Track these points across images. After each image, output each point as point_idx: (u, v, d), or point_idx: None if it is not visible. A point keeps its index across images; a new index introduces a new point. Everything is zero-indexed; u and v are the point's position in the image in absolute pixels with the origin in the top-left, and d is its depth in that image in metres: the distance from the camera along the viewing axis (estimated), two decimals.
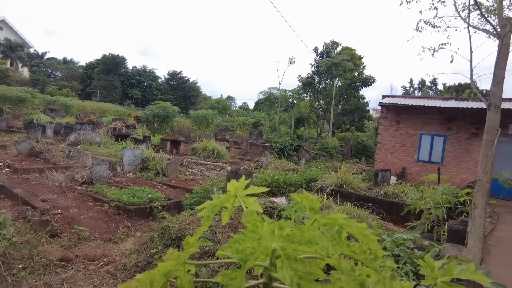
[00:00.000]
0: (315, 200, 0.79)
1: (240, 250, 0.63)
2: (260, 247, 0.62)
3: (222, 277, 0.62)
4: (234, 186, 0.95)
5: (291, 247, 0.61)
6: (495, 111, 3.22)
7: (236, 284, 0.60)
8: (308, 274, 0.58)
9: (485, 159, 3.20)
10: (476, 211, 3.10)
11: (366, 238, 0.77)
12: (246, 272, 0.62)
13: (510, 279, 5.74)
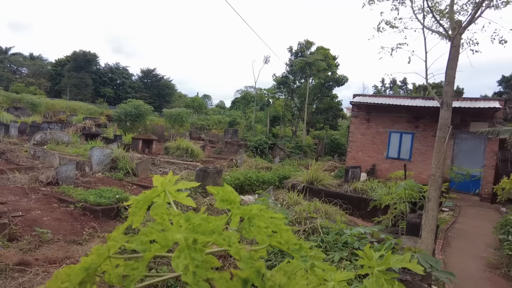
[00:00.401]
0: (229, 192, 0.81)
1: (144, 242, 0.64)
2: (164, 238, 0.64)
3: (124, 267, 0.63)
4: (160, 181, 0.96)
5: (193, 237, 0.64)
6: (447, 109, 3.39)
7: (137, 274, 0.62)
8: (204, 262, 0.60)
9: (438, 155, 3.36)
10: (429, 204, 3.25)
11: (278, 228, 0.81)
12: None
13: (466, 267, 6.06)
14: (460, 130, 14.22)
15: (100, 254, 0.83)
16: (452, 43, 3.49)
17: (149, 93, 62.92)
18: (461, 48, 3.95)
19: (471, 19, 3.47)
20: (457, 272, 5.83)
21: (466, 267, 6.06)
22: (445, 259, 6.36)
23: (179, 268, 0.58)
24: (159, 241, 0.63)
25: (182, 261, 0.59)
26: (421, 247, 3.15)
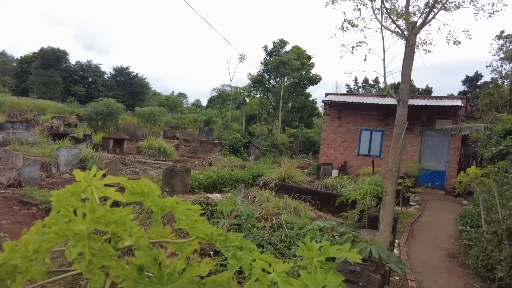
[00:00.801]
0: (142, 185, 0.82)
1: (45, 233, 0.64)
2: (61, 229, 0.64)
3: (21, 259, 0.63)
4: (82, 176, 0.95)
5: (94, 228, 0.65)
6: (403, 106, 3.53)
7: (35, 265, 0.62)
8: (101, 251, 0.61)
9: (394, 150, 3.50)
10: (386, 198, 3.38)
11: (190, 219, 0.82)
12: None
13: (428, 258, 6.34)
14: (427, 127, 14.80)
15: (14, 250, 0.81)
16: (408, 43, 3.64)
17: (122, 91, 61.37)
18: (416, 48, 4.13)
19: (425, 20, 3.64)
20: (419, 262, 6.10)
21: (428, 258, 6.33)
22: (409, 251, 6.63)
23: (71, 256, 0.58)
24: (56, 232, 0.63)
25: (77, 250, 0.60)
26: (379, 239, 3.27)
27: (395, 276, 5.27)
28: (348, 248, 1.61)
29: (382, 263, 2.80)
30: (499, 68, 26.09)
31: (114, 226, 0.66)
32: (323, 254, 1.50)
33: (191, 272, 0.68)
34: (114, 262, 0.61)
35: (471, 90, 34.02)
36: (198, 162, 15.04)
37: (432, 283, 5.18)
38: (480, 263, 5.34)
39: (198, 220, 0.83)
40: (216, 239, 0.97)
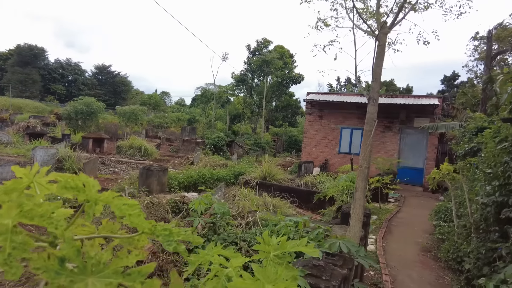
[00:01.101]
0: (77, 180, 0.83)
1: None
2: None
3: None
4: (22, 172, 0.95)
5: (20, 221, 0.65)
6: (373, 104, 3.62)
7: None
8: (22, 244, 0.62)
9: (365, 147, 3.58)
10: (357, 194, 3.46)
11: (124, 213, 0.84)
12: None
13: (403, 252, 6.50)
14: (406, 126, 15.15)
15: None
16: (378, 42, 3.73)
17: (104, 90, 60.21)
18: (388, 48, 4.23)
19: (394, 20, 3.74)
20: (395, 257, 6.25)
21: (403, 252, 6.50)
22: (385, 246, 6.78)
23: None
24: None
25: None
26: (349, 235, 3.34)
27: (370, 271, 5.39)
28: (305, 242, 1.65)
29: (351, 257, 2.87)
30: (474, 68, 26.96)
31: (39, 220, 0.67)
32: (279, 248, 1.53)
33: (117, 263, 0.69)
34: (36, 254, 0.62)
35: (449, 90, 34.99)
36: (180, 161, 14.93)
37: (406, 276, 5.32)
38: (451, 256, 5.53)
39: (132, 215, 0.84)
40: (159, 233, 0.99)
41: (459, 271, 5.25)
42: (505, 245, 3.76)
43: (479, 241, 4.68)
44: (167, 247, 0.99)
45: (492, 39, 16.35)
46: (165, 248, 0.98)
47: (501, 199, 3.88)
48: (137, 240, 1.01)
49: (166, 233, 1.01)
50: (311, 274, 2.05)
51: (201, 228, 3.87)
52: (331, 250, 2.81)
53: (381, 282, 4.93)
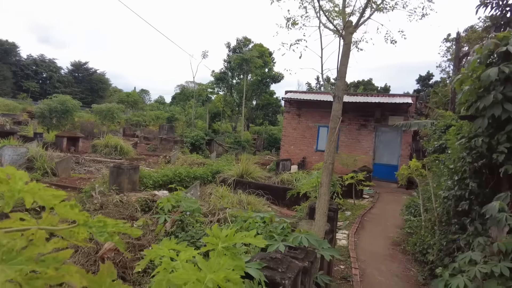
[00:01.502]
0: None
1: None
2: None
3: None
4: None
5: None
6: (338, 101, 3.72)
7: None
8: None
9: (329, 144, 3.67)
10: (322, 189, 3.55)
11: (51, 203, 0.85)
12: None
13: (374, 247, 6.69)
14: (381, 124, 15.53)
15: None
16: (344, 41, 3.83)
17: (80, 88, 58.61)
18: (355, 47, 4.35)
19: (359, 20, 3.85)
20: (366, 251, 6.42)
21: (374, 247, 6.69)
22: (357, 241, 6.96)
23: None
24: None
25: None
26: (314, 229, 3.43)
27: (341, 265, 5.54)
28: (253, 234, 1.70)
29: (313, 250, 2.95)
30: (447, 68, 27.91)
31: None
32: (228, 240, 1.57)
33: (32, 250, 0.71)
34: None
35: (424, 89, 36.05)
36: (157, 160, 14.75)
37: (375, 270, 5.49)
38: (417, 249, 5.74)
39: (58, 205, 0.86)
40: (93, 225, 1.01)
41: (424, 262, 5.45)
42: (463, 236, 3.95)
43: (441, 234, 4.89)
44: (99, 237, 1.01)
45: (462, 40, 16.97)
46: (97, 238, 1.01)
47: (459, 193, 4.06)
48: (77, 233, 1.03)
49: (100, 225, 1.03)
50: (268, 267, 2.10)
51: (169, 225, 3.87)
52: (294, 243, 2.87)
53: (350, 276, 5.07)
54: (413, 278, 5.23)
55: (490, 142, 3.42)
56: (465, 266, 3.17)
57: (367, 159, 15.56)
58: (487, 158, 3.51)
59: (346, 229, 7.68)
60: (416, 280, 5.15)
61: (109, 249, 3.09)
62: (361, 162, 15.57)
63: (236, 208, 5.07)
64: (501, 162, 3.25)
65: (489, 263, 3.02)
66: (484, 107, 3.38)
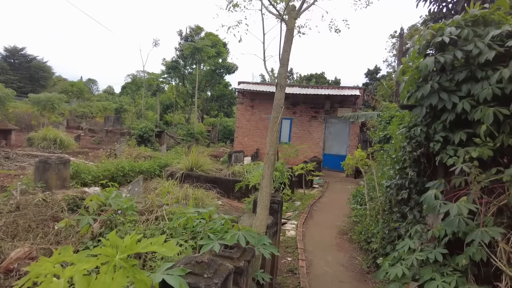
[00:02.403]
0: None
1: None
2: None
3: None
4: None
5: None
6: (280, 90, 3.54)
7: None
8: None
9: (271, 134, 3.49)
10: (263, 182, 3.37)
11: None
12: None
13: (321, 236, 6.73)
14: (330, 115, 15.87)
15: None
16: (287, 27, 3.64)
17: (17, 76, 53.46)
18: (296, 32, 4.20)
19: (301, 5, 3.69)
20: (314, 241, 6.44)
21: (322, 236, 6.74)
22: (305, 231, 6.97)
23: None
24: None
25: None
26: (256, 223, 3.25)
27: (288, 257, 5.47)
28: (162, 240, 1.44)
29: (252, 248, 2.76)
30: (393, 63, 29.34)
31: None
32: (127, 251, 1.29)
33: None
34: None
35: (372, 82, 37.67)
36: (101, 153, 13.81)
37: (322, 260, 5.49)
38: (362, 237, 5.85)
39: None
40: None
41: (369, 251, 5.56)
42: (403, 224, 4.01)
43: (384, 222, 4.98)
44: None
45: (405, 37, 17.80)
46: None
47: (400, 182, 4.11)
48: None
49: None
50: (192, 273, 1.85)
51: (98, 226, 3.47)
52: (231, 242, 2.66)
53: (297, 268, 5.01)
54: (358, 267, 5.31)
55: (428, 131, 3.45)
56: (404, 254, 3.17)
57: (317, 150, 15.87)
58: (425, 147, 3.55)
59: (296, 219, 7.68)
60: (360, 268, 5.23)
61: (16, 258, 2.64)
62: (311, 152, 15.86)
63: (180, 205, 4.76)
64: (437, 151, 3.28)
65: (425, 250, 3.04)
66: (422, 97, 3.39)
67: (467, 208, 2.48)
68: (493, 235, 2.41)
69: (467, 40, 3.28)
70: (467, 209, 2.47)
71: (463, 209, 2.45)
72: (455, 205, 2.52)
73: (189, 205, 4.16)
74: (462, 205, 2.49)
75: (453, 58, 3.24)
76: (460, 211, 2.45)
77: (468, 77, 3.22)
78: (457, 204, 2.52)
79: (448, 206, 2.56)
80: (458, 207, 2.48)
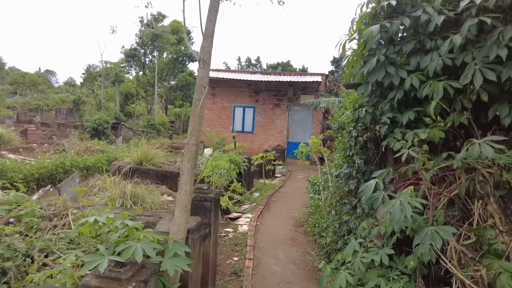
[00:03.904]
0: None
1: None
2: None
3: None
4: None
5: None
6: (203, 66, 2.96)
7: None
8: None
9: (193, 120, 2.92)
10: (182, 178, 2.80)
11: None
12: None
13: (276, 230, 6.26)
14: (293, 103, 15.47)
15: None
16: None
17: None
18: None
19: None
20: (267, 236, 5.97)
21: (277, 229, 6.29)
22: (259, 225, 6.50)
23: None
24: None
25: None
26: (173, 229, 2.68)
27: (234, 257, 4.97)
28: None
29: (154, 264, 2.19)
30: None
31: None
32: None
33: None
34: None
35: (337, 70, 37.82)
36: (48, 148, 12.65)
37: (272, 258, 5.03)
38: (316, 230, 5.45)
39: None
40: None
41: (322, 245, 5.18)
42: (351, 218, 3.60)
43: (336, 214, 4.58)
44: None
45: None
46: None
47: (348, 171, 3.68)
48: None
49: None
50: None
51: None
52: (124, 257, 2.08)
53: (242, 269, 4.52)
54: (310, 263, 4.89)
55: (374, 113, 3.01)
56: (348, 257, 2.74)
57: (281, 138, 15.49)
58: (371, 131, 3.11)
59: (252, 212, 7.20)
60: (313, 265, 4.82)
61: None
62: (275, 141, 15.46)
63: (100, 206, 4.09)
64: (384, 134, 2.85)
65: (371, 251, 2.62)
66: (368, 72, 2.93)
67: (411, 204, 2.02)
68: (444, 236, 1.99)
69: (415, 6, 2.84)
70: (411, 206, 2.01)
71: (407, 207, 1.99)
72: (397, 202, 2.06)
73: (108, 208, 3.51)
74: (406, 201, 2.04)
75: (401, 27, 2.79)
76: (404, 209, 1.99)
77: (417, 48, 2.79)
78: (400, 200, 2.07)
79: (390, 202, 2.10)
80: (401, 203, 2.03)
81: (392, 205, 2.03)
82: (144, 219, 3.64)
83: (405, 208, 1.95)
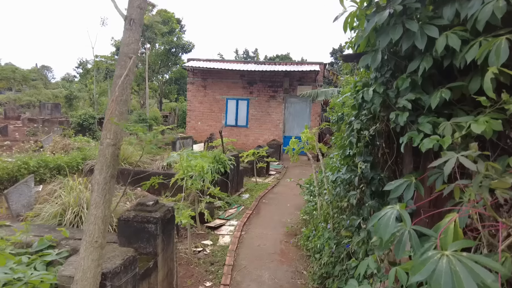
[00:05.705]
0: None
1: None
2: None
3: None
4: None
5: None
6: (130, 28, 1.98)
7: None
8: None
9: (110, 107, 1.93)
10: (92, 198, 1.84)
11: None
12: None
13: (263, 242, 5.29)
14: (289, 95, 14.45)
15: None
16: None
17: None
18: None
19: None
20: (252, 250, 5.01)
21: (264, 241, 5.34)
22: (245, 235, 5.55)
23: None
24: None
25: None
26: (76, 276, 1.72)
27: (207, 282, 4.01)
28: None
29: None
30: None
31: None
32: None
33: None
34: None
35: (337, 62, 36.64)
36: (25, 146, 11.69)
37: (254, 282, 4.07)
38: (310, 245, 4.48)
39: None
40: None
41: (318, 263, 4.22)
42: (351, 241, 2.62)
43: (333, 229, 3.62)
44: None
45: None
46: None
47: (347, 177, 2.70)
48: None
49: None
50: None
51: None
52: None
53: None
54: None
55: (387, 94, 2.01)
56: None
57: (277, 132, 14.51)
58: (382, 122, 2.12)
59: (237, 219, 6.25)
60: None
61: None
62: (271, 135, 14.49)
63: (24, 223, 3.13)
64: (402, 126, 1.86)
65: None
66: (377, 31, 1.94)
67: (478, 269, 1.02)
68: None
69: None
70: (478, 274, 1.01)
71: (466, 276, 1.00)
72: (443, 259, 1.06)
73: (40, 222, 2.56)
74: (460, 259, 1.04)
75: None
76: (458, 277, 0.99)
77: None
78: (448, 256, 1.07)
79: (430, 257, 1.10)
80: (450, 264, 1.03)
81: (434, 263, 1.05)
82: (71, 245, 2.68)
83: (462, 277, 0.97)
